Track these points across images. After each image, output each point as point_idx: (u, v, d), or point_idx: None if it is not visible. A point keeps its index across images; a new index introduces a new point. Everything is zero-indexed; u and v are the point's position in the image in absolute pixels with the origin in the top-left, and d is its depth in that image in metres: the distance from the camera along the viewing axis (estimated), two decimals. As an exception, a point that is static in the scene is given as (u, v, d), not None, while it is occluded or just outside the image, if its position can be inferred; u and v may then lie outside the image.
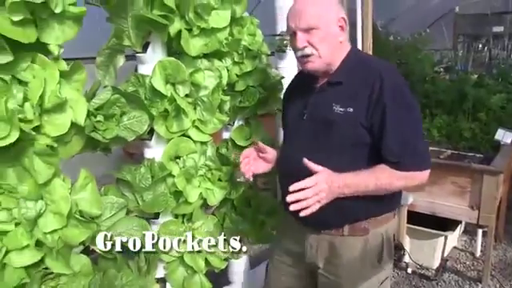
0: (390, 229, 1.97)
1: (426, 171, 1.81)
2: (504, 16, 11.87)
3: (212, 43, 2.01)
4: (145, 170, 1.97)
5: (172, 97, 1.89)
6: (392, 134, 1.74)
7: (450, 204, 3.58)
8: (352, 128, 1.79)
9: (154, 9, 1.79)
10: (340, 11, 1.85)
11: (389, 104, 1.74)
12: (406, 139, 1.77)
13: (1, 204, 1.54)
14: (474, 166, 3.58)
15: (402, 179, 1.78)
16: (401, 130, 1.75)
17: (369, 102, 1.76)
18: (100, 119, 1.68)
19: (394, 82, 1.80)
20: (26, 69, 1.44)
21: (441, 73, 5.82)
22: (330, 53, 1.83)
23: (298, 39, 1.80)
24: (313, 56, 1.82)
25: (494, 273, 3.87)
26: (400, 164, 1.75)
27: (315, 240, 1.97)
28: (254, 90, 2.26)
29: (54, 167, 1.54)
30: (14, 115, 1.38)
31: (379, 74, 1.78)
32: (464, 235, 4.51)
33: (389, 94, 1.75)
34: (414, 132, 1.81)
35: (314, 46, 1.80)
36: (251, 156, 2.06)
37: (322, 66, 1.85)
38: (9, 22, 1.33)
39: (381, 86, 1.75)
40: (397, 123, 1.74)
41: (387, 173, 1.75)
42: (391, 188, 1.81)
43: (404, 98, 1.80)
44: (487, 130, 4.18)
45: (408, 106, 1.81)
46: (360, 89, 1.79)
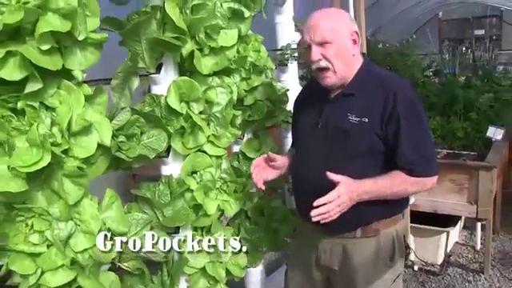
0: (399, 229, 2.06)
1: (435, 177, 1.92)
2: (484, 20, 12.16)
3: (222, 61, 2.08)
4: (163, 186, 2.04)
5: (187, 114, 1.97)
6: (406, 143, 1.84)
7: (449, 201, 3.73)
8: (367, 137, 1.88)
9: (166, 31, 1.87)
10: (352, 26, 1.94)
11: (402, 115, 1.84)
12: (419, 148, 1.87)
13: (33, 227, 1.60)
14: (469, 163, 3.73)
15: (415, 185, 1.88)
16: (413, 139, 1.85)
17: (383, 113, 1.86)
18: (122, 139, 1.76)
19: (406, 95, 1.90)
20: (53, 95, 1.51)
21: (430, 77, 5.97)
22: (343, 66, 1.91)
23: (312, 52, 1.89)
24: (329, 72, 1.91)
25: (494, 263, 4.07)
26: (413, 170, 1.85)
27: (329, 244, 2.05)
28: (261, 103, 2.34)
29: (83, 188, 1.61)
30: (46, 140, 1.45)
31: (394, 88, 1.89)
32: (464, 230, 4.67)
33: (402, 106, 1.85)
34: (425, 141, 1.92)
35: (328, 60, 1.89)
36: (261, 165, 2.13)
37: (337, 80, 1.93)
38: (38, 52, 1.40)
39: (395, 99, 1.85)
40: (410, 133, 1.85)
41: (402, 178, 1.85)
42: (405, 193, 1.93)
43: (416, 110, 1.91)
44: (479, 129, 4.33)
45: (419, 117, 1.92)
46: (374, 100, 1.88)
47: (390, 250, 2.02)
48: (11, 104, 1.46)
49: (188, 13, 1.88)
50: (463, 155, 4.04)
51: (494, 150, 3.94)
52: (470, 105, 4.62)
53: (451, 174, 3.71)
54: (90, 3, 1.49)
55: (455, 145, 4.29)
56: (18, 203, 1.56)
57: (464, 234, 4.67)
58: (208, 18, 1.94)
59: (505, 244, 4.47)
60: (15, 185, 1.44)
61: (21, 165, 1.41)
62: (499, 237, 4.59)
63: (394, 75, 2.13)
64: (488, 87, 5.18)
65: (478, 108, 4.58)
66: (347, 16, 2.01)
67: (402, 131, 1.84)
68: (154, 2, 1.87)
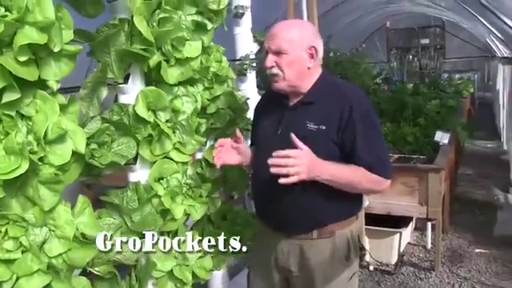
0: (354, 230, 2.16)
1: (389, 181, 2.03)
2: (428, 30, 12.64)
3: (187, 71, 2.17)
4: (131, 192, 2.10)
5: (155, 122, 2.04)
6: (363, 147, 1.96)
7: (402, 203, 3.91)
8: (324, 143, 1.99)
9: (134, 43, 1.94)
10: (312, 40, 2.03)
11: (358, 122, 1.96)
12: (375, 150, 1.99)
13: (8, 233, 1.63)
14: (419, 166, 3.94)
15: (370, 182, 1.98)
16: (369, 143, 1.98)
17: (340, 120, 1.97)
18: (95, 147, 1.82)
19: (362, 103, 2.03)
20: (29, 104, 1.56)
21: (381, 84, 6.19)
22: (295, 76, 2.02)
23: (267, 59, 2.01)
24: (278, 76, 2.01)
25: (444, 260, 4.31)
26: (372, 169, 1.96)
27: (287, 245, 2.15)
28: (223, 111, 2.43)
29: (58, 194, 1.66)
30: (24, 148, 1.50)
31: (350, 98, 2.01)
32: (415, 231, 4.89)
33: (358, 114, 1.97)
34: (380, 145, 2.06)
35: (280, 68, 2.00)
36: (226, 145, 2.18)
37: (285, 86, 2.04)
38: (16, 63, 1.45)
39: (351, 108, 1.97)
40: (366, 138, 1.97)
41: (361, 172, 1.96)
42: (359, 187, 2.02)
43: (370, 117, 2.03)
44: (427, 134, 4.56)
45: (374, 123, 2.05)
46: (332, 109, 2.00)
47: (346, 249, 2.12)
48: (-13, 114, 1.51)
49: (155, 25, 1.96)
50: (413, 159, 4.24)
51: (442, 154, 4.15)
52: (419, 111, 4.86)
53: (402, 177, 3.87)
54: (65, 16, 1.55)
55: (405, 149, 4.49)
56: (-8, 210, 1.60)
57: (415, 234, 4.88)
58: (174, 30, 2.02)
59: (453, 242, 4.72)
60: (-7, 191, 1.48)
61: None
62: (448, 235, 4.83)
63: (350, 85, 2.25)
64: (435, 94, 5.45)
65: (425, 114, 4.82)
66: (310, 30, 2.10)
67: (358, 136, 1.96)
68: (121, 15, 1.95)
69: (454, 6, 7.46)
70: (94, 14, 1.84)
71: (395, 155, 4.37)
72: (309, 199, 2.02)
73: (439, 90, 5.95)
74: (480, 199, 5.89)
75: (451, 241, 4.75)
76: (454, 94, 6.27)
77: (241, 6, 2.80)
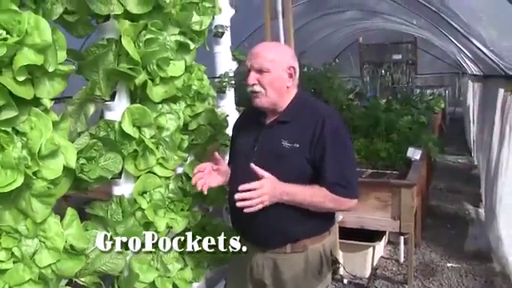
0: (326, 244, 2.26)
1: (354, 200, 2.14)
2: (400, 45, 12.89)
3: (171, 90, 2.26)
4: (115, 205, 2.18)
5: (140, 138, 2.14)
6: (330, 166, 2.07)
7: (375, 217, 3.99)
8: (297, 160, 2.10)
9: (121, 62, 2.03)
10: (291, 61, 2.16)
11: (328, 140, 2.07)
12: (341, 171, 2.09)
13: (1, 244, 1.70)
14: (392, 181, 4.04)
15: (333, 202, 2.08)
16: (337, 163, 2.08)
17: (312, 137, 2.09)
18: (83, 162, 1.90)
19: (333, 121, 2.14)
20: (24, 121, 1.65)
21: (354, 99, 6.30)
22: (275, 94, 2.14)
23: (250, 77, 2.13)
24: (260, 93, 2.13)
25: (417, 274, 4.41)
26: (334, 190, 2.06)
27: (261, 259, 2.25)
28: (204, 128, 2.51)
29: (50, 207, 1.74)
30: (20, 162, 1.59)
31: (322, 115, 2.12)
32: (388, 245, 4.99)
33: (329, 132, 2.08)
34: (347, 166, 2.15)
35: (262, 86, 2.12)
36: (206, 170, 2.27)
37: (266, 103, 2.16)
38: (14, 82, 1.54)
39: (322, 126, 2.08)
40: (334, 157, 2.07)
41: (323, 193, 2.06)
42: (322, 207, 2.11)
43: (341, 136, 2.14)
44: (399, 149, 4.68)
45: (344, 143, 2.15)
46: (305, 127, 2.11)
47: (318, 264, 2.22)
48: (-16, 130, 1.58)
49: (141, 46, 2.05)
50: (386, 174, 4.36)
51: (414, 169, 4.26)
52: (391, 127, 4.99)
53: (376, 192, 3.98)
54: (59, 38, 1.64)
55: (379, 164, 4.61)
56: (-15, 222, 1.67)
57: (389, 248, 4.99)
58: (159, 51, 2.11)
59: (425, 256, 4.82)
60: (-12, 204, 1.56)
61: (-4, 186, 1.53)
62: (420, 250, 4.94)
63: (324, 104, 2.36)
64: (407, 110, 5.56)
65: (398, 130, 4.95)
66: (289, 52, 2.24)
67: (327, 155, 2.07)
68: (109, 35, 2.04)
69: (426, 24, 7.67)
70: (84, 34, 1.94)
71: (369, 170, 4.49)
72: (282, 215, 2.12)
73: (411, 107, 6.11)
74: (451, 214, 6.03)
75: (424, 255, 4.85)
76: (426, 109, 6.44)
77: (221, 25, 2.90)
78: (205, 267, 2.64)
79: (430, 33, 9.12)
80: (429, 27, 7.90)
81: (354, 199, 2.13)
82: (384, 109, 5.59)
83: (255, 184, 1.98)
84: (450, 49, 9.59)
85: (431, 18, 6.31)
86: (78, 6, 1.82)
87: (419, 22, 8.17)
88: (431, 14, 5.68)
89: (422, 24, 8.19)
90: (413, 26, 9.59)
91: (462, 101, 12.67)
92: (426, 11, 5.88)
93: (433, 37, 10.02)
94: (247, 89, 2.17)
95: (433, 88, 12.60)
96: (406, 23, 9.74)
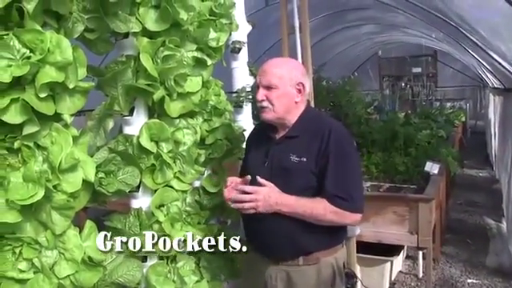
0: (339, 257, 2.28)
1: (357, 214, 2.13)
2: (420, 59, 12.81)
3: (188, 105, 2.31)
4: (133, 218, 2.23)
5: (157, 153, 2.18)
6: (330, 178, 2.09)
7: (392, 231, 3.96)
8: (305, 174, 2.13)
9: (140, 78, 2.09)
10: (300, 77, 2.20)
11: (332, 152, 2.10)
12: (342, 184, 2.10)
13: (22, 255, 1.76)
14: (409, 195, 4.02)
15: (334, 214, 2.08)
16: (339, 175, 2.10)
17: (318, 150, 2.12)
18: (102, 176, 1.96)
19: (338, 135, 2.16)
20: (45, 136, 1.71)
21: (373, 114, 6.28)
22: (283, 109, 2.18)
23: (259, 93, 2.18)
24: (267, 108, 2.17)
25: None
26: (334, 202, 2.07)
27: (275, 271, 2.26)
28: (221, 142, 2.54)
29: (69, 219, 1.80)
30: (42, 176, 1.64)
31: (329, 128, 2.16)
32: (407, 260, 4.95)
33: (333, 144, 2.11)
34: (350, 179, 2.15)
35: (270, 101, 2.16)
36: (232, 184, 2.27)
37: (274, 118, 2.20)
38: (37, 99, 1.60)
39: (328, 139, 2.12)
40: (336, 169, 2.09)
41: (323, 205, 2.08)
42: (324, 219, 2.10)
43: (344, 150, 2.16)
44: (417, 163, 4.65)
45: (348, 155, 2.17)
46: (312, 141, 2.15)
47: (331, 276, 2.23)
48: (7, 144, 1.64)
49: (159, 62, 2.11)
50: (404, 188, 4.34)
51: (432, 184, 4.24)
52: (410, 141, 4.97)
53: (393, 207, 3.96)
54: (80, 56, 1.70)
55: (396, 179, 4.59)
56: (7, 233, 1.72)
57: (407, 263, 4.95)
58: (177, 67, 2.16)
59: (445, 272, 4.77)
60: (11, 216, 1.62)
61: (18, 198, 1.60)
62: (439, 265, 4.89)
63: (331, 118, 2.40)
64: (426, 124, 5.52)
65: (417, 144, 4.93)
66: (299, 68, 2.29)
67: (329, 166, 2.09)
68: (128, 52, 2.10)
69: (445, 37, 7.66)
70: (103, 51, 2.01)
71: (386, 184, 4.48)
72: (295, 228, 2.14)
73: (430, 120, 6.08)
74: (472, 228, 5.96)
75: (443, 270, 4.80)
76: (446, 123, 6.39)
77: (238, 41, 2.94)
78: (221, 280, 2.67)
79: (450, 46, 9.10)
80: (448, 40, 7.89)
81: (356, 213, 2.12)
82: (402, 122, 5.58)
83: (250, 188, 2.08)
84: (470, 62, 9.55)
85: (450, 31, 6.31)
86: (98, 24, 1.88)
87: (438, 36, 8.17)
88: (450, 28, 5.68)
89: (441, 37, 8.18)
90: (432, 39, 9.57)
91: (483, 114, 12.58)
92: (444, 25, 5.88)
93: (453, 50, 9.99)
94: (256, 104, 2.22)
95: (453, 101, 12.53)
96: (425, 36, 9.73)
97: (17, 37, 1.57)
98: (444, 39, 8.25)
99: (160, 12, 2.09)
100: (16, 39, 1.56)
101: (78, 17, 1.78)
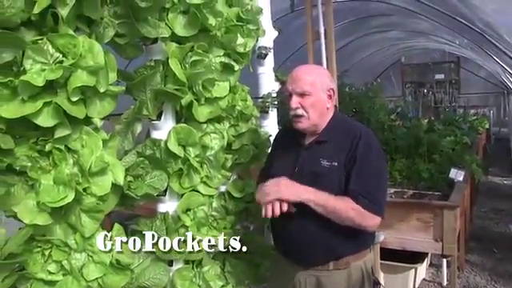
0: (367, 262, 2.28)
1: (377, 217, 2.10)
2: (443, 65, 12.73)
3: (215, 110, 2.32)
4: (160, 222, 2.24)
5: (185, 157, 2.20)
6: (354, 178, 2.09)
7: (416, 238, 3.91)
8: (336, 178, 2.13)
9: (168, 83, 2.11)
10: (330, 83, 2.22)
11: (359, 156, 2.11)
12: (365, 184, 2.09)
13: (51, 257, 1.78)
14: (434, 202, 3.97)
15: (355, 212, 2.05)
16: (362, 176, 2.09)
17: (347, 155, 2.13)
18: (130, 179, 1.97)
19: (367, 141, 2.16)
20: (76, 139, 1.73)
21: (396, 120, 6.24)
22: (317, 116, 2.18)
23: (292, 101, 2.17)
24: (303, 117, 2.17)
25: None
26: (356, 200, 2.05)
27: (304, 276, 2.25)
28: (247, 148, 2.55)
29: (98, 222, 1.81)
30: (72, 179, 1.67)
31: (359, 133, 2.17)
32: (431, 268, 4.89)
33: (361, 149, 2.12)
34: (373, 181, 2.13)
35: (304, 109, 2.16)
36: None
37: (309, 126, 2.20)
38: (69, 102, 1.63)
39: (357, 143, 2.12)
40: (360, 171, 2.09)
41: (346, 201, 2.06)
42: (344, 216, 2.06)
43: (372, 154, 2.15)
44: (442, 170, 4.59)
45: (374, 161, 2.15)
46: (342, 146, 2.15)
47: (360, 280, 2.23)
48: (39, 146, 1.67)
49: (188, 67, 2.12)
50: (428, 195, 4.29)
51: (457, 191, 4.17)
52: (434, 147, 4.93)
53: (417, 213, 3.91)
54: (110, 61, 1.72)
55: (420, 185, 4.54)
56: (38, 235, 1.75)
57: (431, 270, 4.89)
58: (205, 72, 2.17)
59: (470, 280, 4.70)
60: (42, 218, 1.65)
61: (49, 201, 1.62)
62: (464, 273, 4.82)
63: (360, 123, 2.38)
64: (449, 131, 5.47)
65: (440, 150, 4.88)
66: (327, 74, 2.30)
67: (355, 167, 2.09)
68: (157, 57, 2.12)
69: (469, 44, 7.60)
70: (133, 56, 2.03)
71: (410, 191, 4.44)
72: (325, 232, 2.13)
73: (454, 127, 6.02)
74: (497, 237, 5.88)
75: (468, 279, 4.73)
76: (469, 130, 6.33)
77: (264, 47, 2.95)
78: (246, 285, 2.67)
79: (474, 52, 9.03)
80: (472, 47, 7.82)
81: (377, 216, 2.09)
82: (426, 129, 5.54)
83: (267, 182, 2.15)
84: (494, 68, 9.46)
85: (474, 38, 6.26)
86: (129, 29, 1.90)
87: (462, 42, 8.11)
88: (475, 34, 5.63)
89: (465, 44, 8.12)
90: (456, 46, 9.50)
91: (507, 121, 12.44)
92: (469, 31, 5.83)
93: (476, 56, 9.91)
94: (289, 113, 2.21)
95: (477, 108, 12.41)
96: (448, 43, 9.67)
97: (50, 41, 1.59)
98: (468, 45, 8.19)
99: (188, 18, 2.11)
100: (50, 44, 1.59)
101: (109, 22, 1.81)
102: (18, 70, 1.58)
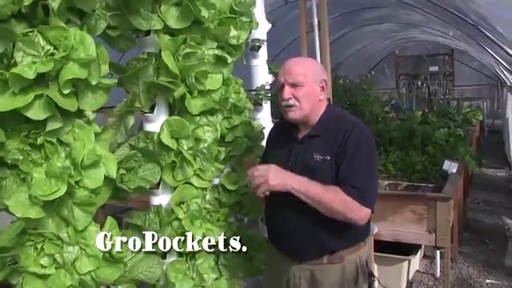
0: (362, 255, 2.28)
1: (365, 209, 2.07)
2: (437, 57, 12.73)
3: (208, 102, 2.31)
4: (153, 215, 2.23)
5: (178, 150, 2.19)
6: (346, 168, 2.08)
7: (410, 230, 3.93)
8: (329, 172, 2.12)
9: (161, 76, 2.10)
10: (323, 74, 2.22)
11: (350, 149, 2.10)
12: (354, 174, 2.08)
13: (44, 250, 1.78)
14: (427, 194, 3.98)
15: (344, 203, 2.03)
16: (353, 166, 2.09)
17: (338, 147, 2.12)
18: (123, 172, 1.96)
19: (359, 133, 2.15)
20: (68, 132, 1.72)
21: (390, 112, 6.25)
22: (309, 107, 2.17)
23: (284, 91, 2.15)
24: (294, 107, 2.16)
25: None
26: (345, 190, 2.03)
27: (298, 270, 2.26)
28: (241, 140, 2.54)
29: (91, 215, 1.81)
30: (64, 172, 1.66)
31: (351, 126, 2.16)
32: (424, 259, 4.92)
33: (352, 142, 2.11)
34: (365, 171, 2.12)
35: (297, 99, 2.15)
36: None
37: (301, 116, 2.19)
38: (60, 95, 1.62)
39: (349, 136, 2.12)
40: (350, 163, 2.09)
41: (334, 190, 2.04)
42: (332, 207, 2.04)
43: (362, 147, 2.13)
44: (435, 162, 4.61)
45: (364, 153, 2.13)
46: (335, 139, 2.14)
47: (355, 274, 2.24)
48: (31, 140, 1.66)
49: (180, 59, 2.11)
50: (422, 187, 4.29)
51: (450, 183, 4.18)
52: (427, 139, 4.93)
53: (411, 205, 3.93)
54: (102, 53, 1.71)
55: (414, 177, 4.54)
56: (30, 229, 1.74)
57: (425, 262, 4.92)
58: (198, 64, 2.16)
59: (463, 271, 4.73)
60: (34, 212, 1.64)
61: (41, 194, 1.61)
62: (457, 264, 4.85)
63: (353, 116, 2.37)
64: (443, 123, 5.48)
65: (434, 142, 4.89)
66: (319, 66, 2.31)
67: (346, 158, 2.09)
68: (150, 49, 2.11)
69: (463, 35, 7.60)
70: (125, 48, 2.02)
71: (404, 183, 4.44)
72: (319, 227, 2.14)
73: (448, 119, 6.03)
74: (490, 228, 5.90)
75: (461, 270, 4.75)
76: (463, 122, 6.34)
77: (257, 39, 2.95)
78: (239, 278, 2.67)
79: (468, 44, 9.03)
80: (466, 39, 7.82)
81: (366, 207, 2.07)
82: (420, 121, 5.54)
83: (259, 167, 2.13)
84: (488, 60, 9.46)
85: (468, 30, 6.26)
86: (121, 21, 1.89)
87: (456, 34, 8.11)
88: (469, 26, 5.63)
89: (458, 36, 8.11)
90: (449, 38, 9.50)
91: (500, 113, 12.45)
92: (462, 23, 5.83)
93: (470, 48, 9.91)
94: (281, 103, 2.20)
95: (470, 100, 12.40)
96: (442, 35, 9.66)
97: (41, 34, 1.58)
98: (461, 37, 8.19)
99: (181, 10, 2.09)
100: (40, 36, 1.58)
101: (100, 14, 1.80)
102: (9, 63, 1.57)
